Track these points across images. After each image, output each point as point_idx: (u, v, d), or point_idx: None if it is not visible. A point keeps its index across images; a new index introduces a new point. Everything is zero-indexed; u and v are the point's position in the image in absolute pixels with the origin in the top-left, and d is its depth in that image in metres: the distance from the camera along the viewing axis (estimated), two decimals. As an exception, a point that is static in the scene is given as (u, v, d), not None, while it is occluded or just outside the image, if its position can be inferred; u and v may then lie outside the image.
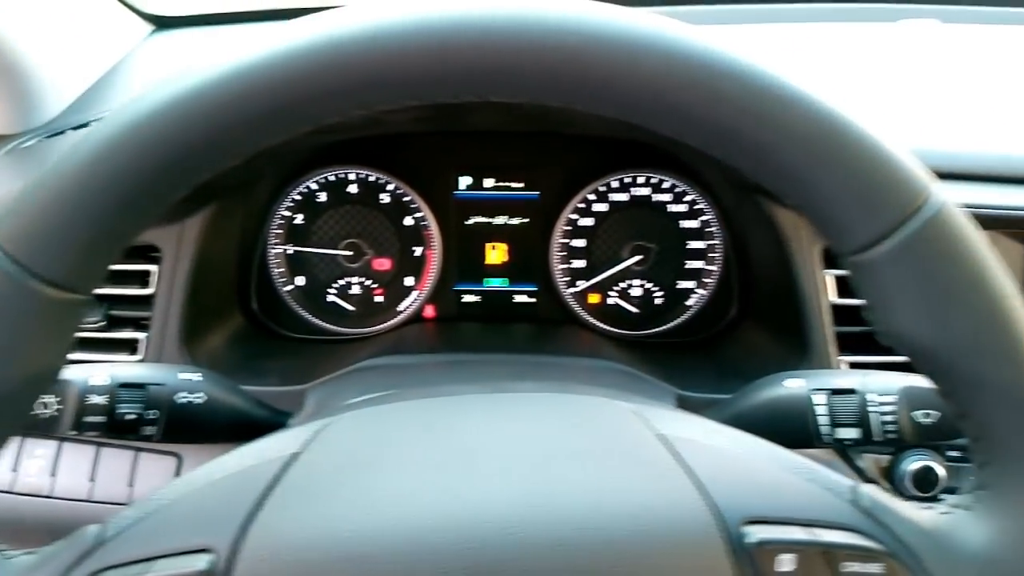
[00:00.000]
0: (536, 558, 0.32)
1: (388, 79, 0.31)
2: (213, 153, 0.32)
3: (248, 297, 0.78)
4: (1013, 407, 0.32)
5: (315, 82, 0.31)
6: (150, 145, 0.31)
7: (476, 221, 0.80)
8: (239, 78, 0.31)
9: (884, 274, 0.32)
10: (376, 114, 0.62)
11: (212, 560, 0.32)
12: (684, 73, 0.31)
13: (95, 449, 0.68)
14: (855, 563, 0.33)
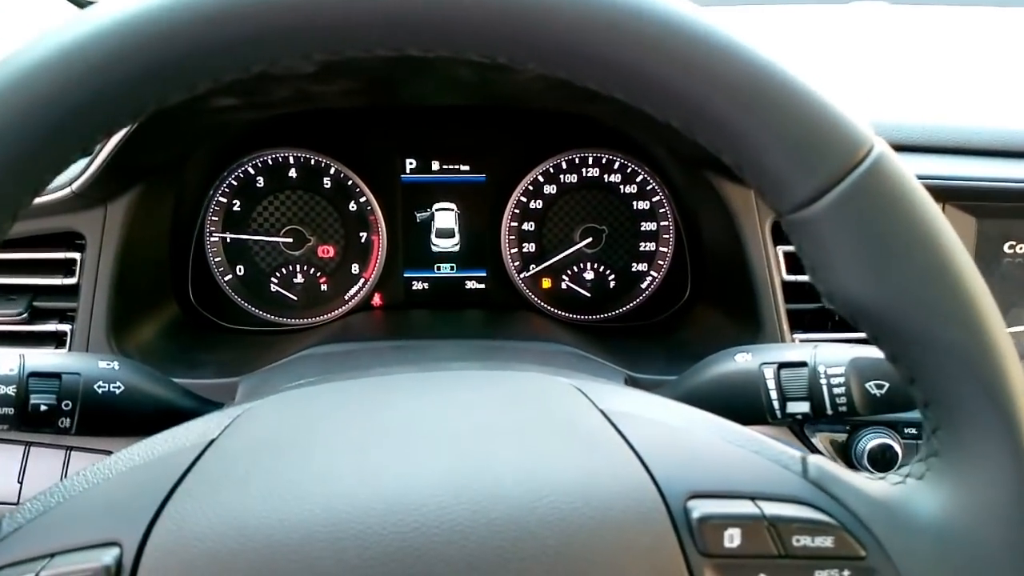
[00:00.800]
0: (470, 539, 0.30)
1: (288, 27, 0.29)
2: (103, 111, 0.29)
3: (184, 287, 0.75)
4: (962, 368, 0.31)
5: (206, 33, 0.29)
6: (33, 102, 0.28)
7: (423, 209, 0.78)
8: (128, 23, 0.28)
9: (825, 231, 0.30)
10: (304, 87, 0.60)
11: (118, 555, 0.30)
12: (606, 18, 0.29)
13: (24, 448, 0.65)
14: (805, 536, 0.31)
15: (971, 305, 0.31)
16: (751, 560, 0.31)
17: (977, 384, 0.31)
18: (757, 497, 0.32)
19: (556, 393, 0.38)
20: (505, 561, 0.30)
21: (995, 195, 0.63)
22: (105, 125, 0.30)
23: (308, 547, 0.30)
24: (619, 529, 0.31)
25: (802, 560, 0.31)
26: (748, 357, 0.49)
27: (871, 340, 0.34)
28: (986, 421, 0.31)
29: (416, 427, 0.35)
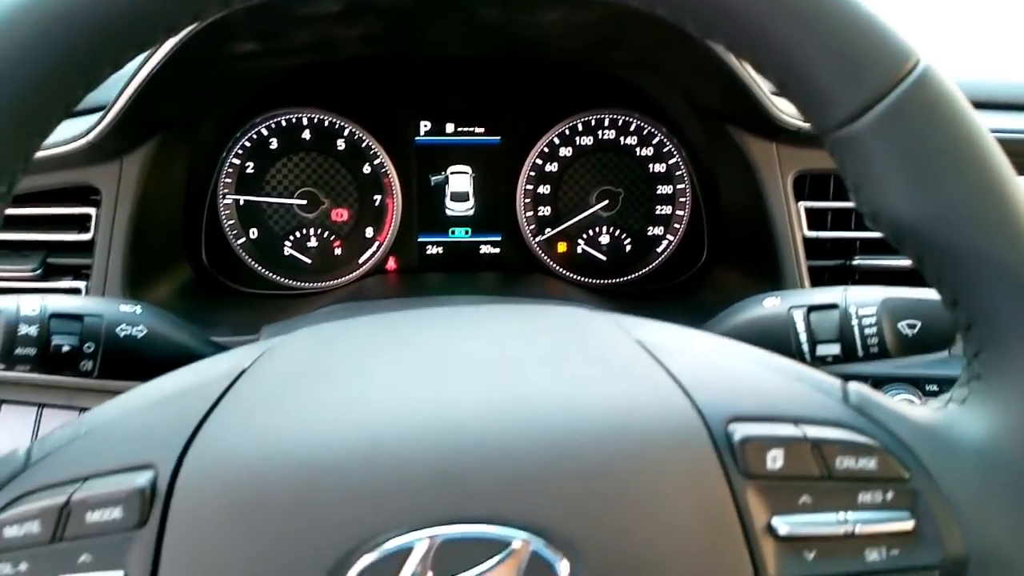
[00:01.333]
0: (508, 460, 0.30)
1: None
2: (108, 41, 0.29)
3: (197, 249, 0.74)
4: (1008, 285, 0.31)
5: None
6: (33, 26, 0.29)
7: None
8: None
9: (871, 147, 0.31)
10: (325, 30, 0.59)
11: (152, 477, 0.30)
12: None
13: (37, 410, 0.65)
14: (848, 458, 0.31)
15: (1019, 223, 0.31)
16: (794, 481, 0.31)
17: (1023, 304, 0.31)
18: (799, 421, 0.32)
19: (590, 324, 0.38)
20: (544, 481, 0.30)
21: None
22: (143, 33, 0.30)
23: (343, 468, 0.29)
24: (660, 451, 0.31)
25: (845, 482, 0.31)
26: (776, 301, 0.49)
27: (914, 262, 0.34)
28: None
29: (451, 355, 0.35)
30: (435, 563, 0.28)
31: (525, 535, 0.29)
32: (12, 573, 0.29)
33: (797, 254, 0.64)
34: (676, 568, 0.30)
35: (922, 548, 0.32)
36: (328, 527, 0.29)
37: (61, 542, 0.29)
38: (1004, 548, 0.32)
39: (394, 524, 0.28)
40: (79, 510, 0.30)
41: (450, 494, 0.29)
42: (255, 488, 0.29)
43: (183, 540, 0.29)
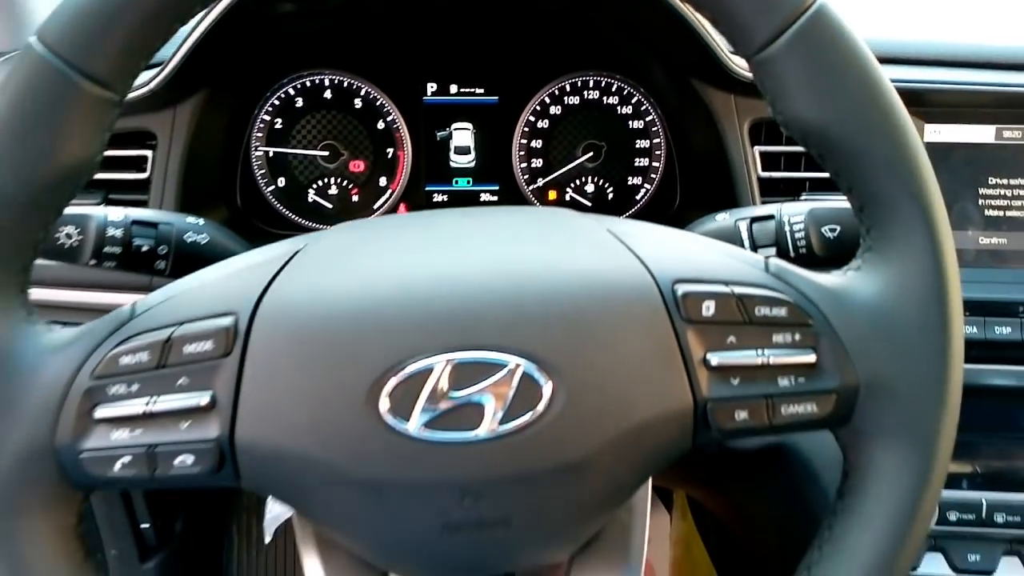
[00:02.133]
0: (504, 302, 0.38)
1: None
2: None
3: (233, 195, 0.84)
4: (889, 173, 0.40)
5: None
6: None
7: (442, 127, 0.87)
8: None
9: (781, 66, 0.39)
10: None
11: (234, 320, 0.38)
12: None
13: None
14: (765, 308, 0.40)
15: (896, 124, 0.40)
16: (723, 326, 0.40)
17: (901, 186, 0.40)
18: (729, 282, 0.40)
19: (572, 218, 0.46)
20: (533, 321, 0.38)
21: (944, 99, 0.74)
22: None
23: (380, 310, 0.38)
24: (622, 302, 0.39)
25: (763, 326, 0.40)
26: (726, 216, 0.59)
27: (818, 159, 0.43)
28: (907, 216, 0.40)
29: (461, 233, 0.44)
30: (450, 379, 0.37)
31: (519, 359, 0.37)
32: (126, 392, 0.38)
33: (753, 193, 0.74)
34: (633, 388, 0.38)
35: (822, 377, 0.40)
36: (368, 354, 0.37)
37: (164, 368, 0.38)
38: (885, 376, 0.40)
39: (418, 351, 0.37)
40: (178, 344, 0.38)
41: (461, 329, 0.37)
42: (312, 327, 0.38)
43: (258, 366, 0.38)
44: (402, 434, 0.37)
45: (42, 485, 0.38)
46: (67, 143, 0.37)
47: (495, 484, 0.38)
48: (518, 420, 0.37)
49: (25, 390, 0.37)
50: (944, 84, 0.72)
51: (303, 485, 0.39)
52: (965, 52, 0.75)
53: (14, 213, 0.37)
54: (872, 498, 0.40)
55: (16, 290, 0.39)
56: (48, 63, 0.36)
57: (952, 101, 0.73)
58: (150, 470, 0.38)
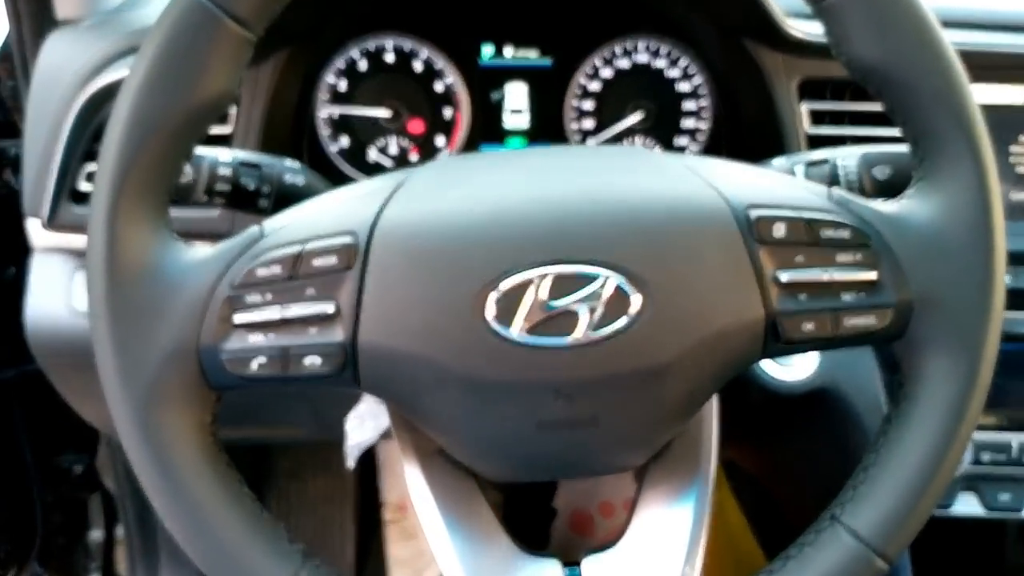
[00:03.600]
0: (598, 223, 0.43)
1: None
2: None
3: (301, 154, 0.89)
4: (940, 107, 0.44)
5: None
6: None
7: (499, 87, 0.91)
8: None
9: (846, 12, 0.44)
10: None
11: (354, 238, 0.43)
12: None
13: None
14: (829, 230, 0.44)
15: (946, 63, 0.44)
16: (792, 246, 0.44)
17: (950, 117, 0.44)
18: (796, 207, 0.45)
19: (653, 155, 0.50)
20: (623, 239, 0.43)
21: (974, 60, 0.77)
22: None
23: (486, 226, 0.43)
24: (701, 223, 0.44)
25: (827, 247, 0.44)
26: (782, 160, 0.63)
27: (876, 96, 0.47)
28: (956, 147, 0.44)
29: (555, 164, 0.48)
30: (549, 290, 0.41)
31: (610, 272, 0.42)
32: (261, 300, 0.42)
33: (800, 148, 0.78)
34: (711, 300, 0.43)
35: (881, 292, 0.44)
36: (475, 267, 0.42)
37: (295, 280, 0.42)
38: (937, 290, 0.44)
39: (520, 264, 0.42)
40: (307, 257, 0.42)
41: (558, 245, 0.42)
42: (424, 243, 0.43)
43: (377, 278, 0.42)
44: (505, 338, 0.41)
45: (185, 384, 0.43)
46: (211, 77, 0.42)
47: (586, 385, 0.43)
48: (609, 327, 0.42)
49: (173, 298, 0.42)
50: (974, 46, 0.75)
51: (414, 385, 0.43)
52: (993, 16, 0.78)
53: (162, 140, 0.42)
54: (925, 400, 0.44)
55: (163, 211, 0.44)
56: (197, 3, 0.41)
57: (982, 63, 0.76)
58: (283, 370, 0.43)
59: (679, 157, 0.49)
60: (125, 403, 0.42)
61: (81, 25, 0.84)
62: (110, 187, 0.42)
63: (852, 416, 0.80)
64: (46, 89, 0.77)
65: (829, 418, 0.83)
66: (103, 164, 0.42)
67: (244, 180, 0.59)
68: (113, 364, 0.42)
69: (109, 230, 0.41)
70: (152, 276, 0.42)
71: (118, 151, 0.42)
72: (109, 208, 0.41)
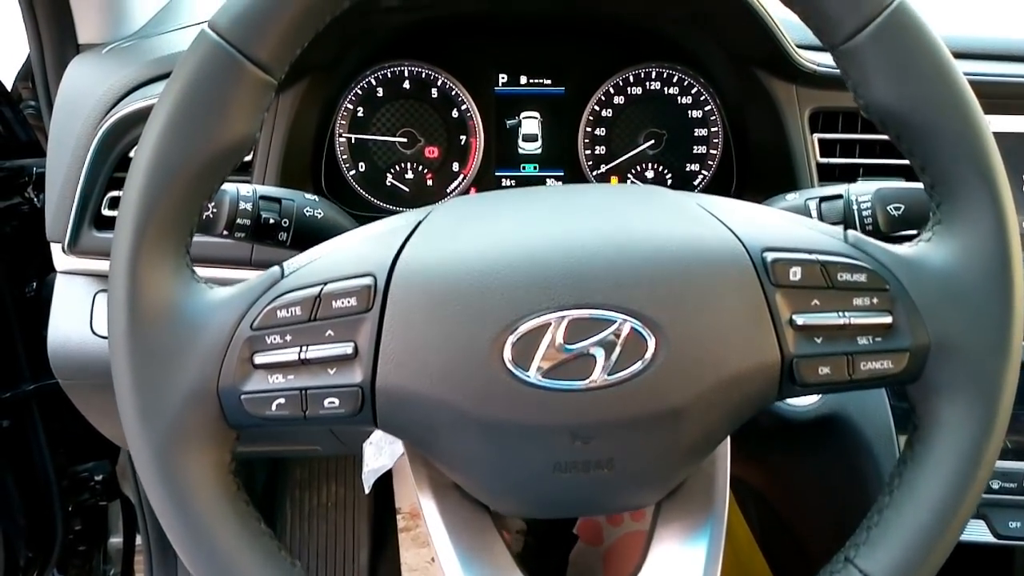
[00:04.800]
0: (615, 267, 0.43)
1: None
2: None
3: (319, 179, 0.90)
4: (960, 154, 0.44)
5: None
6: None
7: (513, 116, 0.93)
8: None
9: (864, 56, 0.44)
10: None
11: (373, 280, 0.43)
12: None
13: None
14: (845, 274, 0.44)
15: (967, 109, 0.44)
16: (808, 289, 0.44)
17: (969, 161, 0.44)
18: (812, 251, 0.45)
19: (667, 194, 0.50)
20: (639, 283, 0.43)
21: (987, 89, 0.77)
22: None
23: (505, 271, 0.43)
24: (717, 267, 0.44)
25: (844, 290, 0.44)
26: (796, 196, 0.64)
27: (895, 140, 0.47)
28: (976, 193, 0.44)
29: (571, 206, 0.49)
30: (566, 334, 0.42)
31: (626, 316, 0.42)
32: (281, 341, 0.43)
33: (812, 177, 0.78)
34: (727, 344, 0.43)
35: (897, 336, 0.44)
36: (493, 310, 0.42)
37: (315, 321, 0.43)
38: (954, 335, 0.44)
39: (538, 308, 0.42)
40: (327, 299, 0.43)
41: (575, 289, 0.42)
42: (443, 285, 0.43)
43: (396, 320, 0.43)
44: (522, 381, 0.42)
45: (204, 424, 0.43)
46: (232, 121, 0.43)
47: (602, 428, 0.43)
48: (625, 371, 0.42)
49: (194, 340, 0.43)
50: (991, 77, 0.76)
51: (432, 426, 0.44)
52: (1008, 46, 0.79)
53: (185, 183, 0.43)
54: (941, 446, 0.45)
55: (183, 252, 0.45)
56: (219, 49, 0.42)
57: (997, 93, 0.77)
58: (302, 410, 0.43)
59: (693, 196, 0.49)
60: (145, 444, 0.42)
61: (103, 51, 0.86)
62: (132, 231, 0.42)
63: (861, 441, 0.80)
64: (68, 116, 0.79)
65: (837, 442, 0.83)
66: (125, 207, 0.42)
67: (265, 214, 0.59)
68: (133, 405, 0.42)
69: (131, 274, 0.42)
70: (173, 318, 0.43)
71: (140, 195, 0.42)
72: (131, 252, 0.42)
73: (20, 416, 1.14)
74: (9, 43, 1.09)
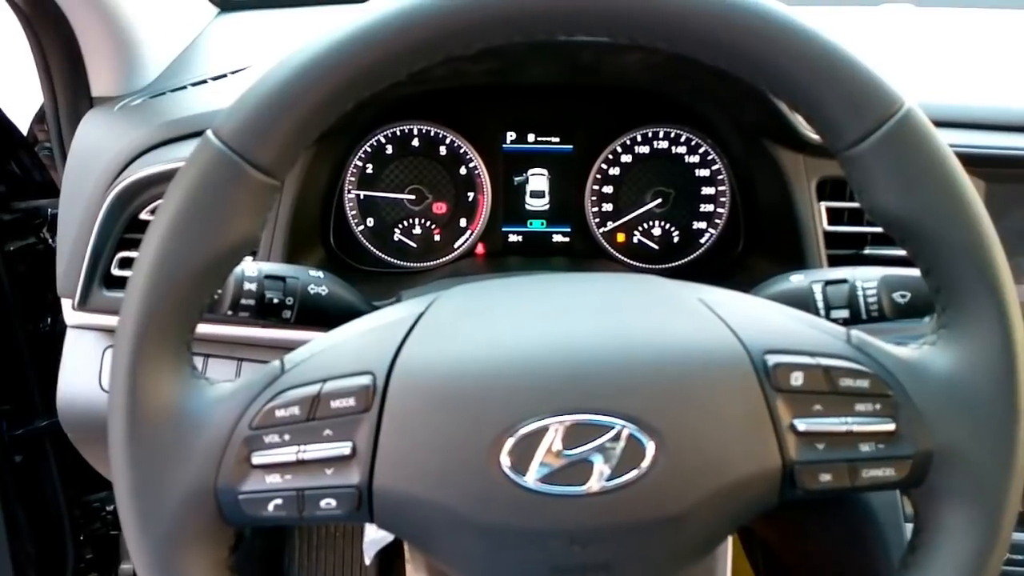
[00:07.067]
0: (608, 369, 0.43)
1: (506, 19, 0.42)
2: (376, 75, 0.43)
3: (328, 235, 0.91)
4: (964, 259, 0.43)
5: (451, 21, 0.41)
6: (338, 64, 0.42)
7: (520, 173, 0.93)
8: (398, 17, 0.41)
9: (870, 163, 0.43)
10: (458, 67, 0.75)
11: (372, 379, 0.43)
12: (733, 18, 0.42)
13: (237, 364, 0.80)
14: (848, 379, 0.44)
15: (972, 214, 0.43)
16: (810, 395, 0.43)
17: (975, 271, 0.43)
18: (814, 354, 0.44)
19: (665, 286, 0.49)
20: (638, 388, 0.43)
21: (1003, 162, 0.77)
22: (373, 86, 0.44)
23: (503, 374, 0.43)
24: (717, 371, 0.44)
25: (846, 396, 0.43)
26: (801, 277, 0.63)
27: (899, 243, 0.46)
28: (982, 302, 0.43)
29: (568, 303, 0.48)
30: (564, 439, 0.41)
31: (625, 422, 0.41)
32: (279, 441, 0.43)
33: (818, 245, 0.78)
34: (727, 450, 0.43)
35: (900, 443, 0.43)
36: (491, 414, 0.42)
37: (313, 421, 0.43)
38: (958, 444, 0.43)
39: (535, 413, 0.42)
40: (326, 399, 0.43)
41: (575, 393, 0.42)
42: (442, 388, 0.43)
43: (394, 421, 0.42)
44: (520, 486, 0.42)
45: (203, 524, 0.43)
46: (235, 224, 0.43)
47: (601, 533, 0.43)
48: (623, 477, 0.42)
49: (192, 440, 0.43)
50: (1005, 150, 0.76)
51: (430, 528, 0.44)
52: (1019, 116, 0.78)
53: (187, 286, 0.43)
54: (942, 555, 0.44)
55: (184, 349, 0.45)
56: (223, 155, 0.42)
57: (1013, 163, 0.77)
58: (299, 511, 0.43)
59: (695, 289, 0.49)
60: (144, 548, 0.42)
61: (115, 107, 0.87)
62: (133, 334, 0.42)
63: (874, 527, 0.79)
64: (80, 175, 0.80)
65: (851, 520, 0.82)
66: (126, 310, 0.42)
67: (269, 293, 0.59)
68: (132, 509, 0.42)
69: (131, 377, 0.42)
70: (172, 418, 0.43)
71: (141, 300, 0.42)
72: (131, 356, 0.42)
73: (33, 451, 1.15)
74: (26, 86, 1.11)
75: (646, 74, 0.78)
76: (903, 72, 0.88)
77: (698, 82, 0.80)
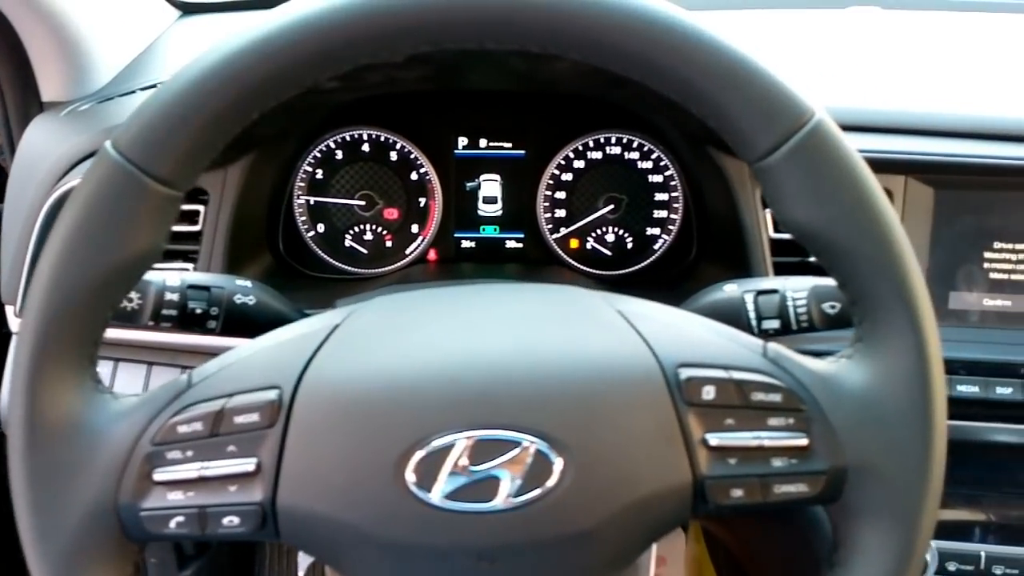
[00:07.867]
0: (518, 384, 0.43)
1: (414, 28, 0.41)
2: (276, 85, 0.41)
3: (276, 241, 0.90)
4: (879, 275, 0.43)
5: (358, 28, 0.40)
6: (236, 75, 0.41)
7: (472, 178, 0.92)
8: (304, 23, 0.40)
9: (782, 174, 0.42)
10: (391, 73, 0.75)
11: (279, 394, 0.42)
12: (640, 28, 0.41)
13: (147, 368, 0.80)
14: (760, 393, 0.43)
15: (884, 226, 0.42)
16: (722, 409, 0.43)
17: (888, 284, 0.43)
18: (728, 367, 0.43)
19: (583, 297, 0.49)
20: (546, 402, 0.42)
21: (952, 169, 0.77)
22: (279, 95, 0.43)
23: (409, 389, 0.42)
24: (628, 384, 0.43)
25: (759, 410, 0.43)
26: (734, 287, 0.63)
27: (814, 255, 0.46)
28: (896, 315, 0.43)
29: (481, 316, 0.47)
30: (470, 455, 0.41)
31: (532, 438, 0.41)
32: (181, 457, 0.42)
33: (764, 252, 0.78)
34: (637, 465, 0.42)
35: (813, 459, 0.43)
36: (396, 430, 0.41)
37: (216, 437, 0.42)
38: (872, 460, 0.43)
39: (441, 428, 0.41)
40: (229, 415, 0.42)
41: (480, 409, 0.41)
42: (348, 403, 0.42)
43: (299, 437, 0.42)
44: (426, 503, 0.41)
45: (105, 539, 0.42)
46: (135, 237, 0.42)
47: (508, 550, 0.42)
48: (530, 493, 0.41)
49: (93, 455, 0.42)
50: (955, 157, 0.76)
51: (336, 545, 0.43)
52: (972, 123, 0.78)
53: (86, 299, 0.42)
54: (858, 571, 0.44)
55: (87, 363, 0.44)
56: (120, 167, 0.41)
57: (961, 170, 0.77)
58: (201, 528, 0.42)
59: (615, 301, 0.48)
60: (44, 564, 0.41)
61: (62, 113, 0.86)
62: (30, 350, 0.41)
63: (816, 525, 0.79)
64: (23, 180, 0.79)
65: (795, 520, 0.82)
66: (24, 323, 0.41)
67: (192, 304, 0.58)
68: (31, 526, 0.41)
69: (29, 392, 0.41)
70: (72, 433, 0.42)
71: (39, 312, 0.41)
72: (29, 371, 0.41)
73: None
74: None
75: (582, 80, 0.78)
76: (865, 75, 0.88)
77: (638, 89, 0.80)
